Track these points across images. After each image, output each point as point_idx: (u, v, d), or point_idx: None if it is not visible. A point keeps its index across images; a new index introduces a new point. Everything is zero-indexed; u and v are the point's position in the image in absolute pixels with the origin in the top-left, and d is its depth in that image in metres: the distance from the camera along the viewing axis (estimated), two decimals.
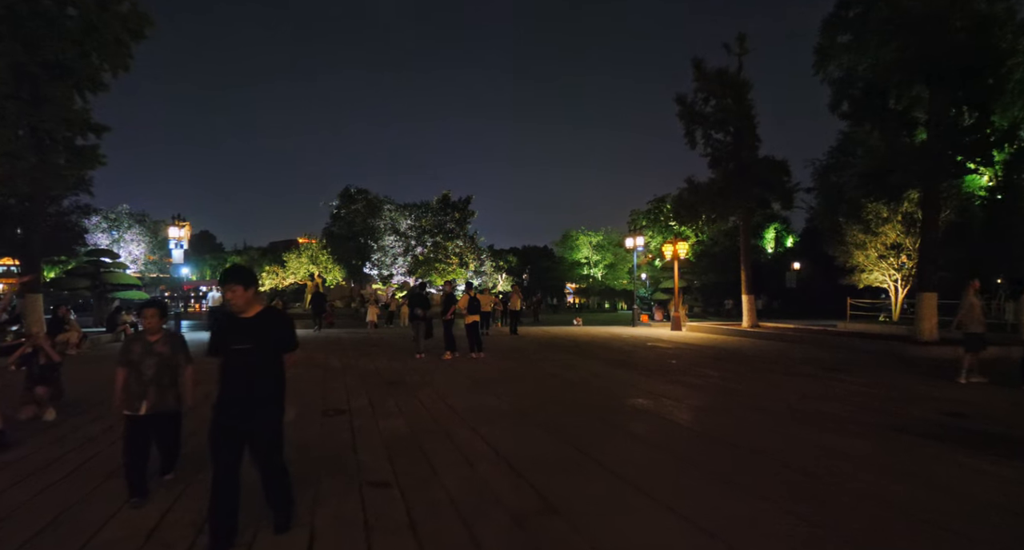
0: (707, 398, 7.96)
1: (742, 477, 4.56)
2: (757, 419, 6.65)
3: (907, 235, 20.07)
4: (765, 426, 6.31)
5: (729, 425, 6.37)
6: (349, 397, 8.03)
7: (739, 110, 20.31)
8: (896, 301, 21.18)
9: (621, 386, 8.96)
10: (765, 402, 7.65)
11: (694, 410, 7.17)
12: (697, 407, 7.35)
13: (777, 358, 12.99)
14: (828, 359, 12.75)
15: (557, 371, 10.66)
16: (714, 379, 9.67)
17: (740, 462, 4.99)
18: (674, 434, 5.99)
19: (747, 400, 7.79)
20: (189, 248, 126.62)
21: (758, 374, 10.34)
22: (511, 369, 10.87)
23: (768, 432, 6.04)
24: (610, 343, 16.55)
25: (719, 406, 7.43)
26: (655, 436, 5.89)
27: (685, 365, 11.59)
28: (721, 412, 7.06)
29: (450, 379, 9.65)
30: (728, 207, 20.34)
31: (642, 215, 44.49)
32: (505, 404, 7.49)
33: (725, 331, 19.76)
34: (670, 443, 5.61)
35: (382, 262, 43.59)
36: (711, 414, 6.96)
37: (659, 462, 5.03)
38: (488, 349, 14.05)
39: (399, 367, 11.08)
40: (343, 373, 10.33)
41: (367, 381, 9.45)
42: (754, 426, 6.31)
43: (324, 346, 15.33)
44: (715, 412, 7.07)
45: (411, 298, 12.66)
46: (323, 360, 12.11)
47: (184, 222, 20.12)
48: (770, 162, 20.34)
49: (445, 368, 10.98)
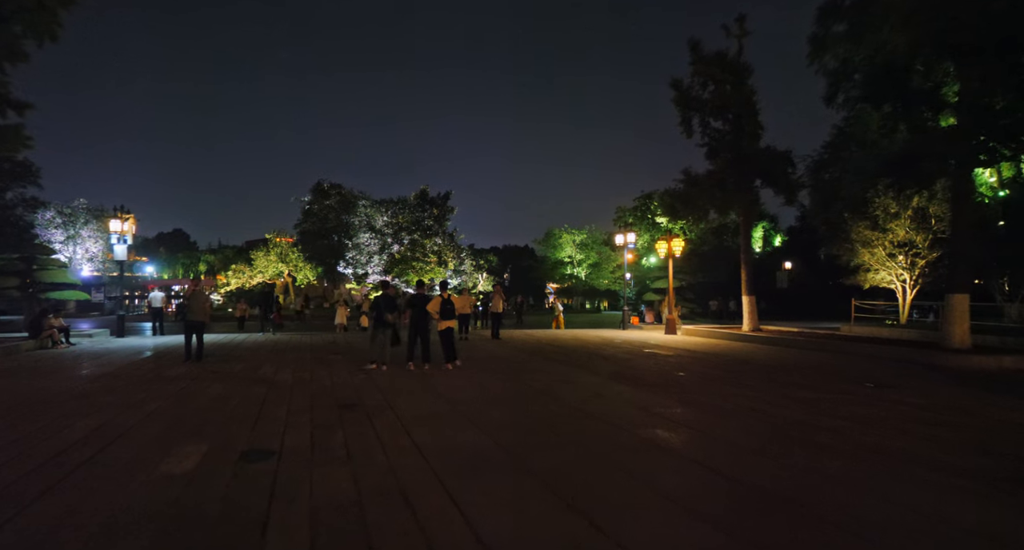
0: (741, 429, 6.30)
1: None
2: (825, 467, 4.99)
3: (918, 232, 18.76)
4: (845, 481, 4.65)
5: (790, 477, 4.71)
6: (287, 429, 6.22)
7: (739, 96, 18.82)
8: (904, 303, 19.88)
9: (629, 409, 7.27)
10: (821, 436, 6.00)
11: (733, 450, 5.49)
12: (735, 445, 5.68)
13: (796, 368, 11.44)
14: (857, 370, 11.23)
15: (548, 387, 8.95)
16: (738, 399, 8.03)
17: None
18: (721, 493, 4.30)
19: (795, 432, 6.14)
20: (163, 247, 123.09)
21: (787, 391, 8.73)
22: (493, 386, 9.13)
23: (853, 493, 4.37)
24: (602, 350, 14.89)
25: (763, 442, 5.77)
26: (699, 499, 4.18)
27: (696, 379, 9.96)
28: (772, 454, 5.39)
29: (419, 400, 7.88)
30: (728, 200, 18.84)
31: (628, 212, 43.05)
32: (488, 441, 5.75)
33: (725, 335, 18.25)
34: (723, 513, 3.91)
35: (357, 260, 41.54)
36: (759, 457, 5.29)
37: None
38: (467, 358, 12.30)
39: (359, 383, 9.27)
40: (290, 391, 8.50)
41: (317, 403, 7.63)
42: (829, 481, 4.65)
43: (278, 354, 13.43)
44: (763, 454, 5.40)
45: (379, 301, 10.85)
46: (271, 374, 10.25)
47: (127, 215, 17.96)
48: (773, 152, 18.89)
49: (414, 384, 9.21)
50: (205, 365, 11.35)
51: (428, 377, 9.93)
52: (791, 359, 13.04)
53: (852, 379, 10.07)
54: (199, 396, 8.08)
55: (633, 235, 23.69)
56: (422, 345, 10.85)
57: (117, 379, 9.63)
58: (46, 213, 40.35)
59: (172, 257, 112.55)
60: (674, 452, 5.36)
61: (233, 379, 9.60)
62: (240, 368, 10.94)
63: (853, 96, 25.66)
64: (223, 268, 39.16)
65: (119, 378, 9.74)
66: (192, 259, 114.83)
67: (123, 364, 11.55)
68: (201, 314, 11.57)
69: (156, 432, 6.05)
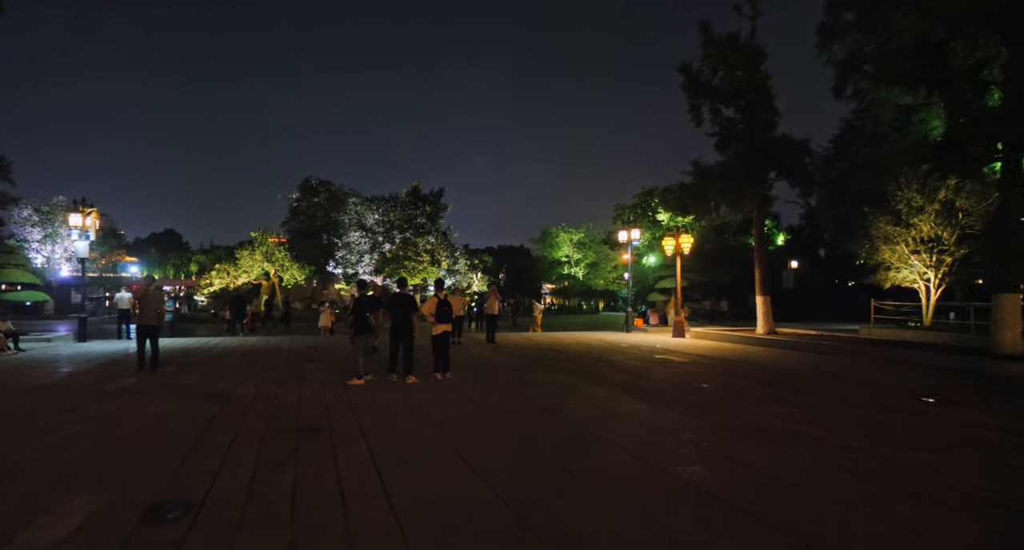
0: (800, 465, 4.93)
1: None
2: (956, 537, 3.63)
3: (944, 227, 17.49)
4: None
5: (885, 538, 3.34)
6: (224, 467, 4.83)
7: (752, 81, 17.51)
8: (929, 304, 18.59)
9: (653, 435, 5.91)
10: (893, 475, 4.64)
11: (805, 498, 4.13)
12: (803, 490, 4.31)
13: (831, 378, 10.11)
14: (900, 380, 9.92)
15: (552, 404, 7.58)
16: (779, 419, 6.67)
17: None
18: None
19: (863, 466, 4.78)
20: (154, 247, 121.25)
21: (832, 407, 7.39)
22: (488, 402, 7.75)
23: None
24: (609, 355, 13.54)
25: (842, 489, 4.41)
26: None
27: (722, 391, 8.61)
28: (845, 502, 4.03)
29: (399, 422, 6.50)
30: (740, 193, 17.52)
31: (628, 210, 41.69)
32: (482, 486, 4.38)
33: (739, 339, 16.92)
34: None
35: (347, 260, 40.07)
36: (838, 508, 3.92)
37: None
38: (459, 365, 10.93)
39: (331, 399, 7.87)
40: (246, 411, 7.10)
41: (274, 427, 6.24)
42: None
43: (248, 361, 12.01)
44: (843, 504, 4.03)
45: (361, 303, 9.44)
46: (230, 387, 8.83)
47: (90, 208, 16.50)
48: (788, 142, 17.58)
49: (395, 400, 7.82)
50: (158, 376, 9.93)
51: (413, 391, 8.55)
52: (822, 366, 11.71)
53: (901, 392, 8.75)
54: (131, 418, 6.67)
55: (637, 231, 22.33)
56: (405, 353, 9.48)
57: (46, 395, 8.20)
58: (23, 210, 38.74)
59: (163, 257, 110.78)
60: (730, 505, 3.99)
61: (183, 394, 8.20)
62: (197, 380, 9.52)
63: (863, 88, 24.49)
64: (213, 269, 37.63)
65: (49, 393, 8.32)
66: (183, 259, 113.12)
67: (65, 375, 10.12)
68: (154, 317, 10.16)
69: (47, 474, 4.65)
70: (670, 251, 20.15)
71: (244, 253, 35.19)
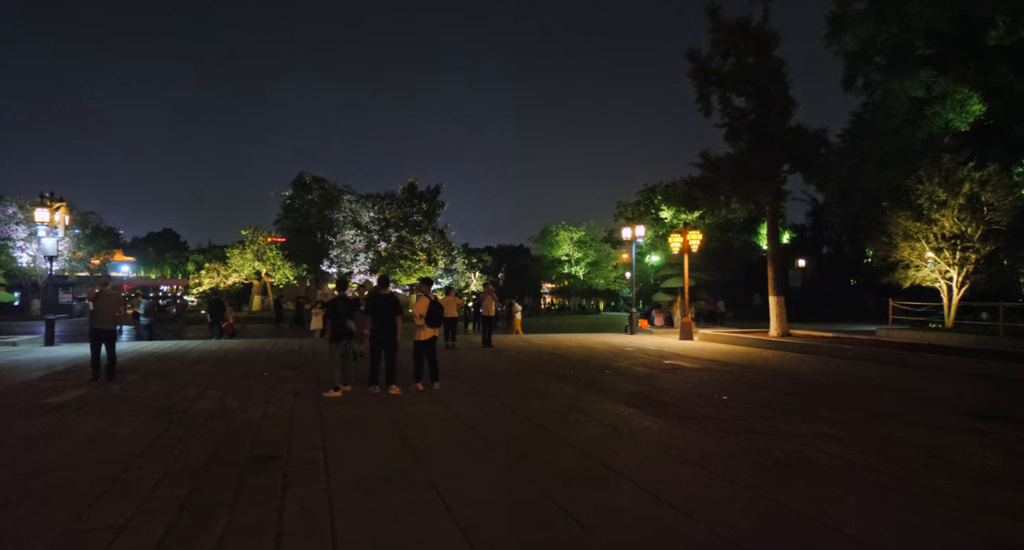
0: (885, 521, 3.90)
1: None
2: None
3: (970, 222, 16.42)
4: None
5: None
6: (135, 516, 3.80)
7: (764, 68, 16.48)
8: (951, 304, 17.53)
9: (675, 464, 4.88)
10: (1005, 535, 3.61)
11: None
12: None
13: (865, 389, 9.08)
14: (947, 392, 8.89)
15: (554, 421, 6.55)
16: (821, 442, 5.64)
17: None
18: None
19: (964, 524, 3.75)
20: (151, 247, 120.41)
21: (880, 427, 6.35)
22: (479, 419, 6.71)
23: None
24: (615, 361, 12.50)
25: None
26: None
27: (745, 406, 7.56)
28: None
29: (371, 447, 5.47)
30: (752, 187, 16.48)
31: (630, 207, 40.60)
32: (460, 544, 3.35)
33: (751, 342, 15.87)
34: None
35: (341, 259, 38.98)
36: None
37: None
38: (451, 372, 9.90)
39: (299, 417, 6.83)
40: (195, 431, 6.06)
41: (219, 455, 5.21)
42: None
43: (220, 368, 10.97)
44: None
45: (336, 304, 8.41)
46: (189, 400, 7.79)
47: (58, 203, 15.46)
48: (803, 132, 16.55)
49: (372, 417, 6.78)
50: (113, 386, 8.89)
51: (395, 405, 7.51)
52: (847, 374, 10.68)
53: (945, 405, 7.72)
54: (55, 442, 5.63)
55: (642, 228, 21.25)
56: (387, 360, 8.45)
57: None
58: (7, 208, 37.70)
59: (160, 257, 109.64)
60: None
61: (131, 410, 7.15)
62: (154, 392, 8.48)
63: (874, 80, 23.47)
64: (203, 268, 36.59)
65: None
66: (180, 259, 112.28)
67: (7, 385, 9.08)
68: (110, 320, 9.12)
69: None
70: (677, 249, 19.11)
71: (235, 252, 34.07)
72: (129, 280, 67.90)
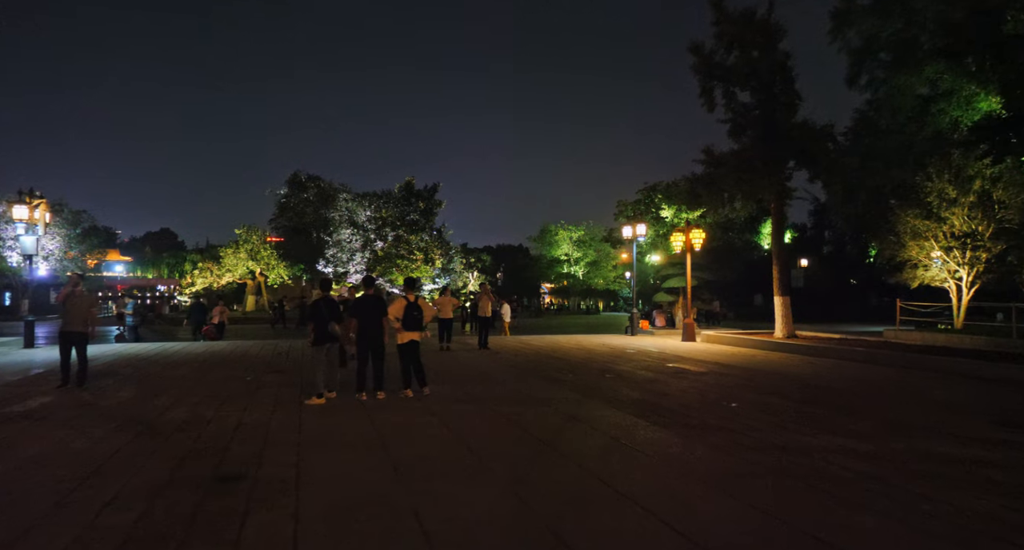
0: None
1: None
2: None
3: (981, 221, 15.93)
4: None
5: None
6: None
7: (770, 61, 15.99)
8: (961, 305, 17.05)
9: (690, 485, 4.38)
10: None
11: None
12: None
13: (880, 393, 8.59)
14: (967, 397, 8.40)
15: (552, 433, 6.05)
16: (850, 460, 5.14)
17: None
18: None
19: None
20: (149, 247, 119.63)
21: (910, 439, 5.85)
22: (470, 430, 6.21)
23: None
24: (615, 364, 12.01)
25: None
26: None
27: (756, 414, 7.06)
28: None
29: (348, 464, 4.97)
30: (757, 183, 15.98)
31: (630, 206, 40.09)
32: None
33: (755, 343, 15.38)
34: None
35: (337, 258, 38.48)
36: None
37: None
38: (443, 376, 9.41)
39: (276, 427, 6.33)
40: (162, 445, 5.56)
41: (181, 474, 4.71)
42: None
43: (201, 372, 10.47)
44: None
45: (319, 306, 7.90)
46: (162, 408, 7.28)
47: (37, 199, 14.95)
48: (810, 127, 16.06)
49: (355, 428, 6.28)
50: (83, 392, 8.40)
51: (381, 414, 7.02)
52: (862, 379, 10.19)
53: (973, 414, 7.23)
54: (2, 458, 5.13)
55: (643, 226, 20.75)
56: (374, 365, 7.95)
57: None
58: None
59: (157, 256, 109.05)
60: None
61: (96, 419, 6.65)
62: (126, 398, 7.98)
63: (878, 77, 22.98)
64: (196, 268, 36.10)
65: None
66: (178, 259, 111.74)
67: None
68: (79, 323, 8.62)
69: None
70: (680, 247, 18.62)
71: (228, 251, 33.50)
72: (123, 280, 67.36)
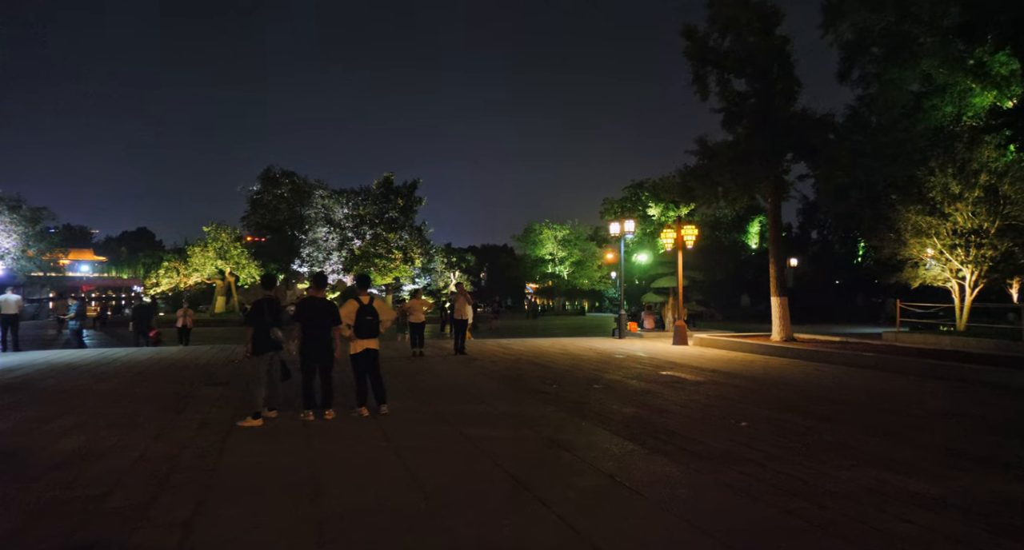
0: None
1: None
2: None
3: (987, 216, 15.05)
4: None
5: None
6: None
7: (766, 46, 14.97)
8: (964, 306, 16.17)
9: (703, 545, 3.22)
10: None
11: None
12: None
13: (908, 407, 7.51)
14: (1004, 412, 7.36)
15: (529, 466, 4.87)
16: (915, 510, 4.01)
17: None
18: None
19: None
20: (124, 247, 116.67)
21: (971, 473, 4.75)
22: (427, 465, 4.99)
23: None
24: (604, 372, 10.86)
25: None
26: None
27: (772, 434, 5.93)
28: None
29: (254, 522, 3.73)
30: (753, 176, 14.96)
31: (617, 203, 39.05)
32: None
33: (753, 348, 14.33)
34: None
35: (314, 258, 36.98)
36: None
37: None
38: (408, 389, 8.17)
39: (188, 459, 5.07)
40: (25, 489, 4.28)
41: (17, 540, 3.44)
42: None
43: (125, 386, 9.13)
44: None
45: (261, 308, 6.62)
46: (52, 435, 5.97)
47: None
48: (809, 117, 15.08)
49: (284, 463, 5.03)
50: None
51: (324, 439, 5.79)
52: (879, 389, 9.14)
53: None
54: None
55: (631, 223, 19.67)
56: (322, 379, 6.72)
57: None
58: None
59: (133, 256, 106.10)
60: None
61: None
62: (16, 421, 6.65)
63: (870, 72, 22.14)
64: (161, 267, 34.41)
65: None
66: (154, 259, 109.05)
67: None
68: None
69: None
70: (670, 245, 17.56)
71: (196, 250, 31.82)
72: (89, 280, 64.70)
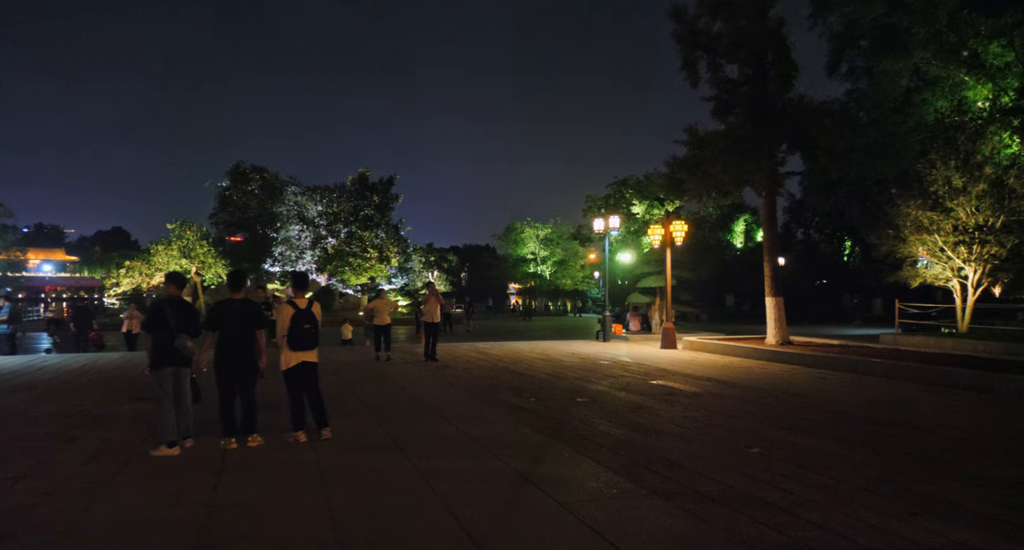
0: None
1: None
2: None
3: (992, 211, 14.24)
4: None
5: None
6: None
7: (760, 29, 13.98)
8: (966, 306, 15.36)
9: None
10: None
11: None
12: None
13: (939, 427, 6.47)
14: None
15: (493, 525, 3.70)
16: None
17: None
18: None
19: None
20: (98, 246, 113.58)
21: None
22: (360, 521, 3.80)
23: None
24: (588, 382, 9.74)
25: None
26: None
27: (790, 466, 4.83)
28: None
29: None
30: (747, 168, 13.95)
31: (600, 201, 37.97)
32: None
33: (748, 352, 13.30)
34: None
35: (286, 257, 35.47)
36: None
37: None
38: (362, 405, 6.97)
39: (43, 514, 3.82)
40: None
41: None
42: None
43: (35, 400, 7.80)
44: None
45: (162, 311, 5.38)
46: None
47: None
48: (807, 104, 14.13)
49: (163, 516, 3.80)
50: None
51: (237, 478, 4.57)
52: (905, 404, 8.11)
53: None
54: None
55: (616, 218, 18.63)
56: (242, 398, 5.50)
57: None
58: None
59: (107, 256, 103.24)
60: None
61: None
62: None
63: (859, 66, 21.36)
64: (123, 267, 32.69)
65: None
66: (128, 259, 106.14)
67: None
68: None
69: None
70: (658, 243, 16.54)
71: (159, 248, 30.21)
72: (56, 280, 62.10)
